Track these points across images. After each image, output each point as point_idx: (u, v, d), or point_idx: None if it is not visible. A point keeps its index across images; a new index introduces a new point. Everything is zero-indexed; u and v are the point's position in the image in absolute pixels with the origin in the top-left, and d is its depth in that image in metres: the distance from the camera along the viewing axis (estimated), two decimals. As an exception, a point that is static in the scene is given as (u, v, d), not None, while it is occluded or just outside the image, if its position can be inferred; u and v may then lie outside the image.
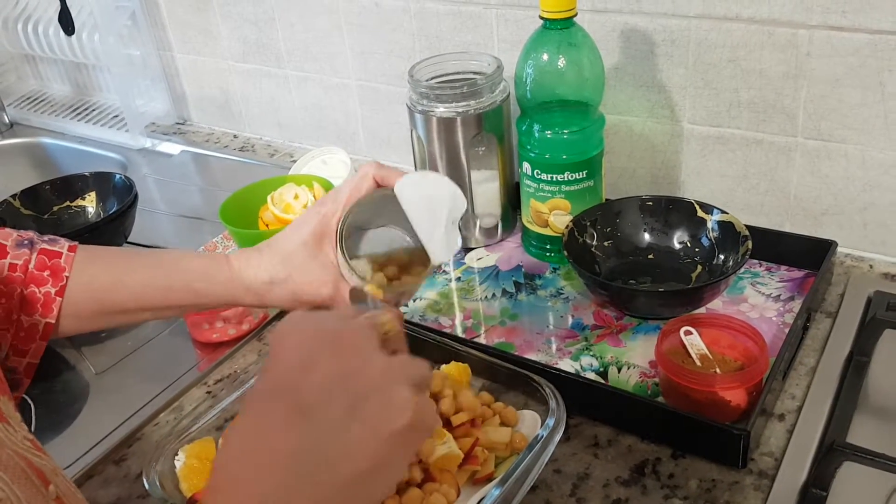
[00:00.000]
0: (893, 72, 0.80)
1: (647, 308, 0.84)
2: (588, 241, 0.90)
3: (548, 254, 0.95)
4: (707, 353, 0.73)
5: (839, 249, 0.89)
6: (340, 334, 0.46)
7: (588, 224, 0.91)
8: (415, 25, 1.09)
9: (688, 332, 0.75)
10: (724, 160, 0.94)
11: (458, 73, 0.97)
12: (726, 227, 0.87)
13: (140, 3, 1.36)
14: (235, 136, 1.40)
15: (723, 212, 0.87)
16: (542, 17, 0.84)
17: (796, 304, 0.83)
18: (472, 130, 0.93)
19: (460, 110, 0.91)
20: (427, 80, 0.94)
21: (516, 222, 1.01)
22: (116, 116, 1.48)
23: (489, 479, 0.64)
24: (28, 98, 1.62)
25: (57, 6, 1.32)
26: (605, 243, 0.91)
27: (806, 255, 0.88)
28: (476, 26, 1.04)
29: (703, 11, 0.87)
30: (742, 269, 0.88)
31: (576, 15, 0.84)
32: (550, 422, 0.63)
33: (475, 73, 0.96)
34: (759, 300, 0.85)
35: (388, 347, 0.48)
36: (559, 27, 0.84)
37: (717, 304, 0.85)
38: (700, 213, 0.88)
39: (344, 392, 0.43)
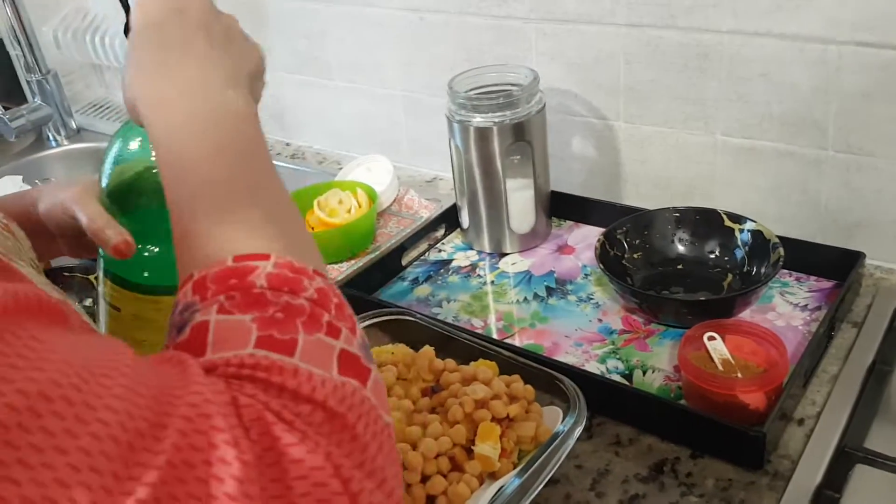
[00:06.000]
0: (923, 86, 0.82)
1: (678, 317, 0.86)
2: (618, 252, 0.93)
3: None
4: (730, 358, 0.75)
5: (869, 261, 0.90)
6: None
7: (619, 236, 0.93)
8: (456, 38, 1.13)
9: (711, 338, 0.77)
10: (757, 172, 0.96)
11: (495, 84, 1.00)
12: (756, 236, 0.88)
13: (200, 16, 1.43)
14: (288, 144, 1.46)
15: (751, 220, 0.89)
16: None
17: (823, 314, 0.85)
18: (508, 140, 0.96)
19: (497, 120, 0.95)
20: (466, 92, 0.98)
21: (550, 229, 1.05)
22: (176, 124, 1.56)
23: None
24: (94, 105, 1.71)
25: (123, 18, 1.39)
26: (635, 255, 0.94)
27: (835, 266, 0.89)
28: (515, 39, 1.07)
29: (736, 27, 0.89)
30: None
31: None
32: (571, 417, 0.66)
33: (512, 84, 0.99)
34: (787, 309, 0.87)
35: None
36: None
37: (745, 312, 0.86)
38: (727, 223, 0.90)
39: (217, 20, 0.55)
